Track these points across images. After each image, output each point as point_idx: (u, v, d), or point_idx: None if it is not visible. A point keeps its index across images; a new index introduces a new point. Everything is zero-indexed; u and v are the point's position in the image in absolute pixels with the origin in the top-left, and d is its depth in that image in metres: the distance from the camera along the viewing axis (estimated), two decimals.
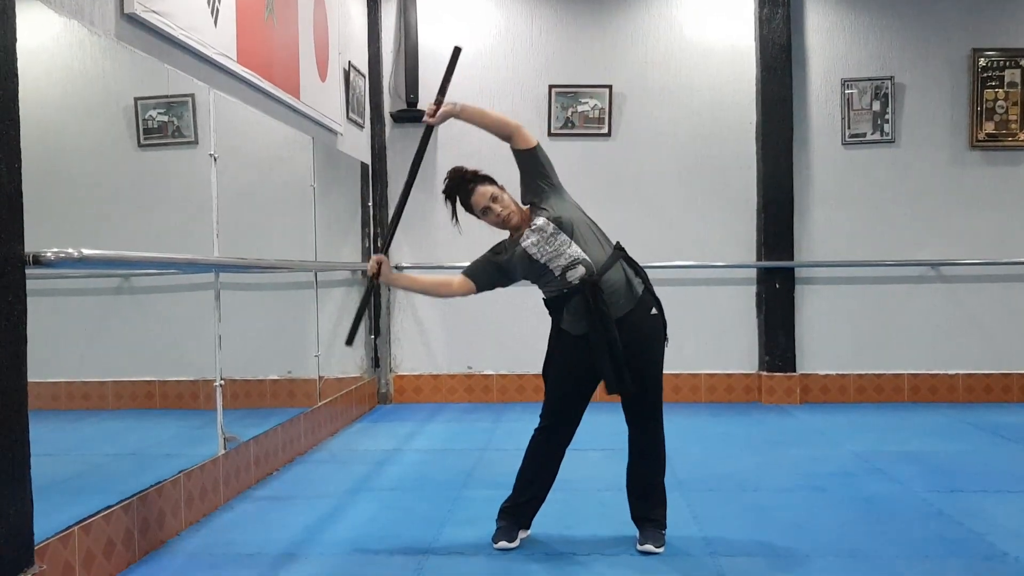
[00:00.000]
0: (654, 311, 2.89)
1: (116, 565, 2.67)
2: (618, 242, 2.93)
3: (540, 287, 2.92)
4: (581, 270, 2.78)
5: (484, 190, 2.89)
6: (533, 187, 2.93)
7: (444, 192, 2.97)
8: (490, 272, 2.95)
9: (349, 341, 3.08)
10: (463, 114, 2.94)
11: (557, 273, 2.81)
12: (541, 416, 2.96)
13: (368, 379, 5.79)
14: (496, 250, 2.96)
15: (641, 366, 2.82)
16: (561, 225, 2.81)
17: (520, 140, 2.90)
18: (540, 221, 2.83)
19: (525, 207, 2.94)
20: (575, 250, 2.79)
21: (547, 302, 2.92)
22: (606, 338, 2.73)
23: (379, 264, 2.95)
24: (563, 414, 2.92)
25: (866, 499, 3.45)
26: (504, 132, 2.92)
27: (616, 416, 2.99)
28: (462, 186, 2.92)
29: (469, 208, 2.92)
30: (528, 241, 2.84)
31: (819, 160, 5.94)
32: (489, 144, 6.11)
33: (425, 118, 2.98)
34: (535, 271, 2.85)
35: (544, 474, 2.98)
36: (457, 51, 3.06)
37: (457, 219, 2.97)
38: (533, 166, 2.92)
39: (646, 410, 2.89)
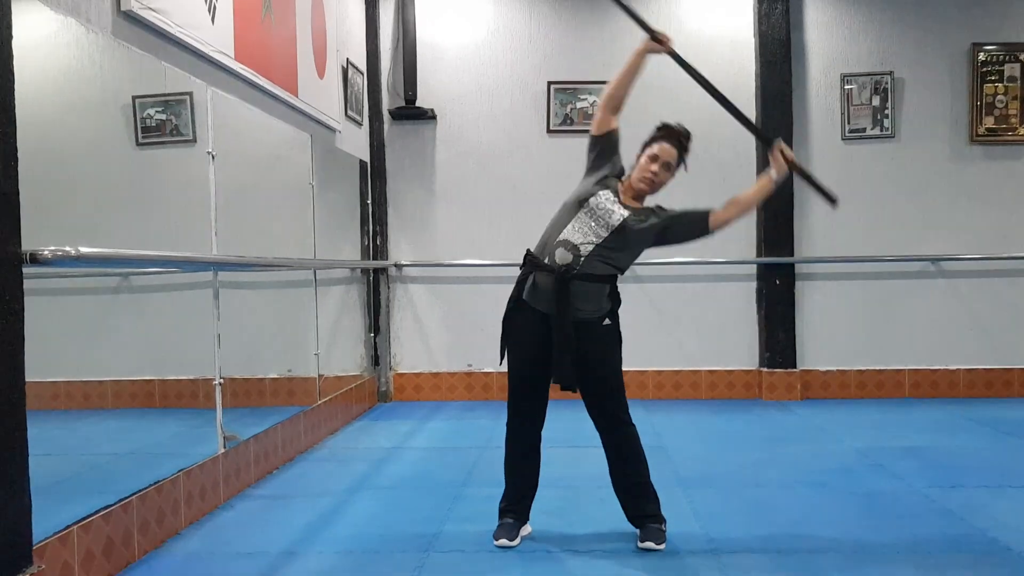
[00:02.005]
0: (607, 321, 2.89)
1: (115, 565, 2.66)
2: (614, 275, 2.90)
3: (560, 211, 2.90)
4: (569, 257, 2.77)
5: (675, 153, 2.93)
6: (654, 221, 2.92)
7: (663, 125, 3.06)
8: (608, 150, 2.98)
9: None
10: (772, 183, 3.04)
11: (560, 236, 2.81)
12: (508, 407, 2.97)
13: (368, 377, 5.78)
14: (618, 167, 2.98)
15: (595, 366, 2.84)
16: (618, 232, 2.81)
17: (720, 221, 3.05)
18: (624, 212, 2.83)
19: (644, 205, 2.96)
20: (588, 245, 2.79)
21: (527, 256, 2.91)
22: (564, 331, 2.76)
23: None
24: (527, 397, 2.92)
25: (867, 495, 3.45)
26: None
27: None
28: (672, 134, 2.97)
29: (653, 145, 2.93)
30: (605, 200, 2.83)
31: (819, 155, 5.93)
32: (488, 142, 6.14)
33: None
34: (573, 204, 2.86)
35: (526, 464, 2.99)
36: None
37: (643, 150, 2.97)
38: (678, 230, 3.03)
39: (608, 416, 2.90)
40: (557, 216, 2.92)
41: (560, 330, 2.78)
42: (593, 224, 2.81)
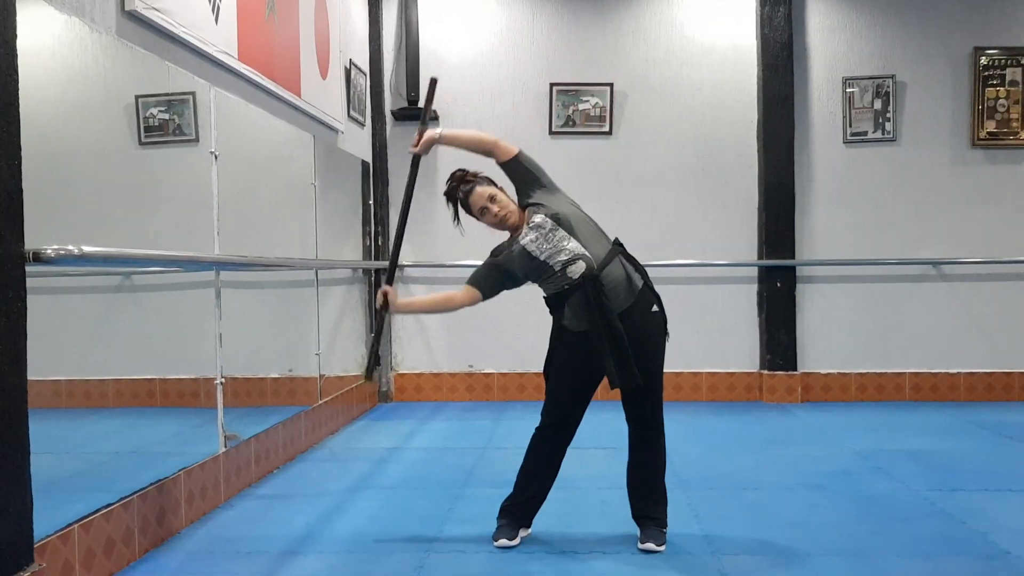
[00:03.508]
0: (655, 308, 2.88)
1: (116, 563, 2.67)
2: (616, 238, 2.93)
3: (541, 285, 2.91)
4: (582, 265, 2.77)
5: (482, 191, 2.90)
6: (527, 192, 2.94)
7: (445, 194, 3.01)
8: (493, 277, 2.95)
9: (368, 375, 3.06)
10: (443, 140, 2.99)
11: (557, 269, 2.80)
12: (542, 415, 2.95)
13: None
14: (495, 253, 2.96)
15: (643, 363, 2.81)
16: (559, 221, 2.82)
17: (501, 153, 2.93)
18: (538, 218, 2.84)
19: (523, 209, 2.94)
20: (574, 245, 2.79)
21: (548, 300, 2.91)
22: (609, 331, 2.73)
23: (385, 296, 2.95)
24: (564, 413, 2.91)
25: (867, 498, 3.45)
26: (483, 148, 2.96)
27: (617, 414, 2.99)
28: (461, 187, 2.94)
29: (468, 209, 2.94)
30: (527, 239, 2.84)
31: (820, 159, 5.94)
32: None
33: (410, 149, 3.04)
34: (536, 269, 2.85)
35: (545, 473, 2.98)
36: (433, 82, 3.15)
37: (459, 220, 2.99)
38: (521, 173, 2.94)
39: (647, 408, 2.88)
40: (538, 280, 2.88)
41: (602, 333, 2.71)
42: (555, 244, 2.80)
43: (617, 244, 2.90)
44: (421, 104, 3.19)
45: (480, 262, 2.64)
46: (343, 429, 5.07)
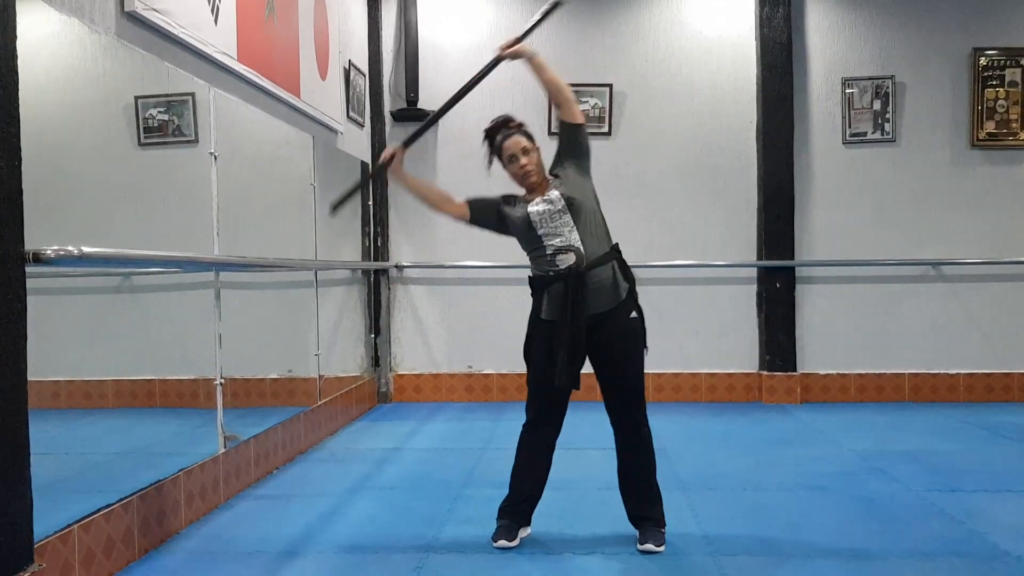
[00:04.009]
0: (634, 314, 2.87)
1: (116, 564, 2.67)
2: (616, 243, 2.92)
3: (530, 258, 2.92)
4: (572, 258, 2.77)
5: (519, 139, 2.92)
6: (562, 163, 2.93)
7: (486, 131, 3.01)
8: (489, 212, 2.97)
9: (333, 211, 3.07)
10: (534, 59, 3.00)
11: (549, 252, 2.81)
12: (526, 411, 2.97)
13: (368, 378, 5.78)
14: (505, 199, 2.97)
15: (618, 366, 2.84)
16: (571, 206, 2.81)
17: (569, 112, 2.93)
18: (554, 194, 2.84)
19: (548, 177, 2.93)
20: (574, 236, 2.79)
21: (532, 281, 2.92)
22: (572, 327, 2.73)
23: (393, 154, 2.95)
24: (546, 407, 2.92)
25: (867, 498, 3.45)
26: (558, 97, 2.95)
27: None
28: (503, 129, 2.95)
29: (500, 152, 2.93)
30: (535, 208, 2.85)
31: (820, 159, 5.94)
32: None
33: (499, 50, 3.02)
34: (530, 239, 2.87)
35: (536, 470, 2.98)
36: (555, 5, 3.13)
37: (490, 163, 2.98)
38: (572, 143, 2.94)
39: (628, 415, 2.90)
40: (529, 253, 2.91)
41: (565, 329, 2.74)
42: (555, 225, 2.81)
43: (615, 249, 2.89)
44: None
45: (479, 263, 2.66)
46: (342, 430, 5.07)
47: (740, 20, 5.93)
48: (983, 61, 5.83)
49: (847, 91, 5.89)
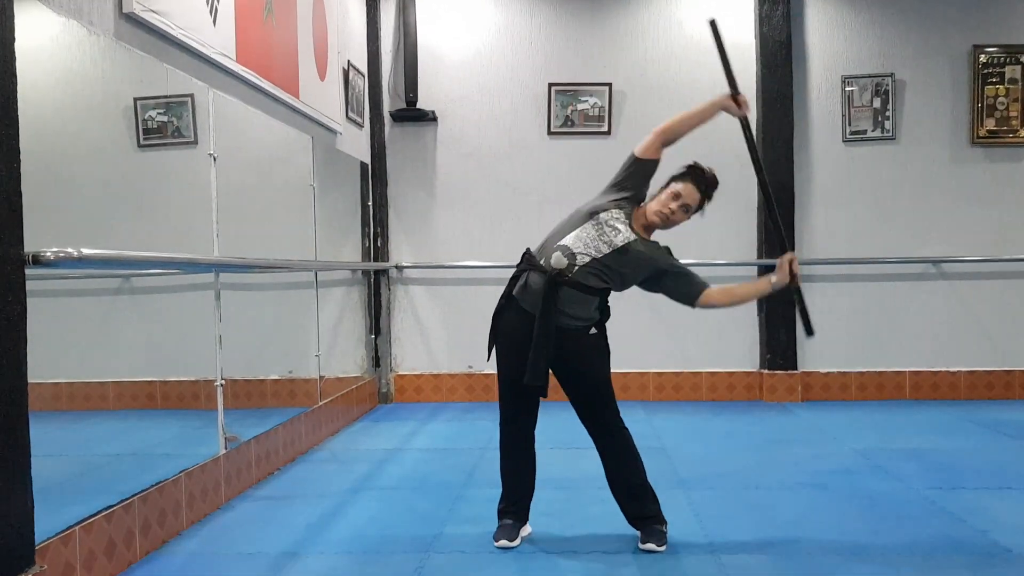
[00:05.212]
0: (594, 330, 2.88)
1: (117, 565, 2.67)
2: (603, 301, 2.88)
3: (571, 214, 2.91)
4: (564, 263, 2.77)
5: (699, 198, 2.92)
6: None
7: (692, 165, 3.00)
8: (643, 175, 2.99)
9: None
10: (770, 288, 3.04)
11: (561, 241, 2.81)
12: (500, 408, 2.98)
13: (369, 379, 5.79)
14: (641, 194, 2.96)
15: (580, 376, 2.86)
16: (619, 253, 2.79)
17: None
18: (632, 236, 2.82)
19: (653, 239, 2.96)
20: (586, 258, 2.77)
21: (524, 255, 2.92)
22: (544, 333, 2.74)
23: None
24: (516, 397, 2.92)
25: (868, 496, 3.45)
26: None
27: None
28: (701, 179, 2.94)
29: (679, 183, 2.91)
30: (616, 220, 2.82)
31: (820, 157, 5.94)
32: (488, 144, 6.14)
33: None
34: (585, 213, 2.86)
35: (523, 465, 3.00)
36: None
37: (665, 187, 2.95)
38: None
39: (601, 423, 2.91)
40: (565, 221, 2.91)
41: (541, 331, 2.76)
42: (596, 238, 2.80)
43: (606, 292, 2.86)
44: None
45: (481, 263, 2.67)
46: (343, 430, 5.07)
47: (739, 18, 5.93)
48: (983, 58, 5.82)
49: (847, 89, 5.89)
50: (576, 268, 2.78)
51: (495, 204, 5.95)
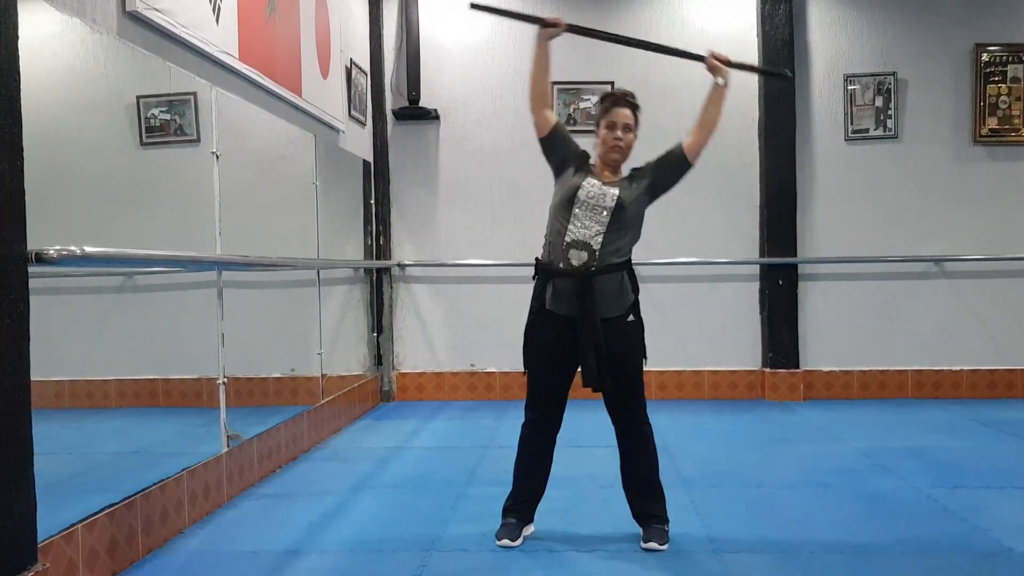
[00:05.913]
0: (631, 318, 2.89)
1: (119, 563, 2.67)
2: (630, 257, 2.91)
3: (548, 230, 2.90)
4: (583, 257, 2.77)
5: (629, 114, 2.91)
6: (646, 175, 2.93)
7: (604, 95, 2.98)
8: (565, 148, 2.95)
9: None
10: (723, 89, 2.97)
11: (567, 239, 2.80)
12: (526, 409, 2.98)
13: (371, 377, 5.79)
14: (581, 155, 2.95)
15: (622, 370, 2.85)
16: (617, 210, 2.80)
17: (695, 151, 2.98)
18: (614, 191, 2.83)
19: (624, 171, 2.94)
20: (598, 236, 2.78)
21: (538, 265, 2.91)
22: (592, 329, 2.75)
23: (558, 24, 2.90)
24: (547, 401, 2.93)
25: (870, 495, 3.45)
26: (703, 133, 2.98)
27: None
28: (619, 99, 2.92)
29: (608, 114, 2.89)
30: (588, 187, 2.82)
31: (822, 156, 5.93)
32: (491, 142, 6.13)
33: (710, 53, 2.99)
34: (561, 212, 2.84)
35: (539, 467, 2.99)
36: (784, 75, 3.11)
37: (598, 125, 2.94)
38: (670, 171, 2.97)
39: (628, 413, 2.91)
40: (552, 221, 2.91)
41: (586, 331, 2.76)
42: (592, 215, 2.81)
43: (628, 262, 2.89)
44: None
45: (483, 262, 2.66)
46: (345, 428, 5.07)
47: (741, 17, 5.92)
48: (985, 57, 5.81)
49: (849, 88, 5.88)
50: (597, 253, 2.78)
51: (497, 202, 5.95)
